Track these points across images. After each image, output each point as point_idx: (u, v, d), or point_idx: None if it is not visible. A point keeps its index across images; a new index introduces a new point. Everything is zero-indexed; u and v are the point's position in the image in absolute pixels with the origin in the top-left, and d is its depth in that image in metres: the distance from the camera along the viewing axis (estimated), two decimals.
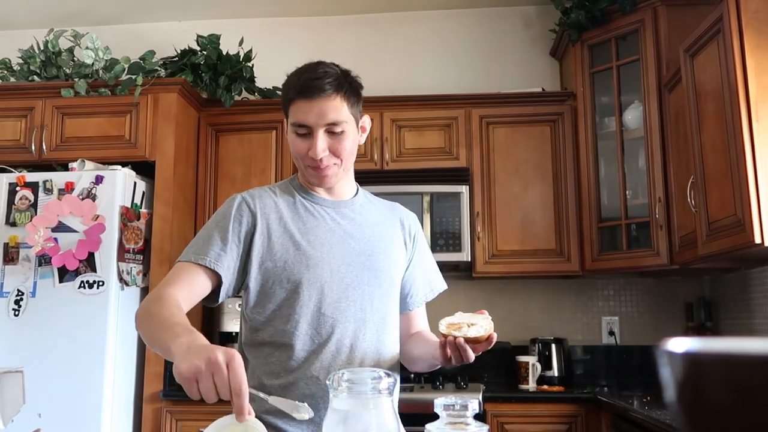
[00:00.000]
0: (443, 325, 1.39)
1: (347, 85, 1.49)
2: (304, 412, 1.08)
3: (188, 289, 1.39)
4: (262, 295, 1.48)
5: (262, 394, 1.14)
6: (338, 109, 1.46)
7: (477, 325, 1.37)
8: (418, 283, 1.69)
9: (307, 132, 1.46)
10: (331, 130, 1.46)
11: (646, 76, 3.21)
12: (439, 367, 1.53)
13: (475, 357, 1.38)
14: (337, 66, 1.52)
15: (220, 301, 1.47)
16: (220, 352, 1.00)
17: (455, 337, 1.35)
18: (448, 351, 1.37)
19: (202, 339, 1.11)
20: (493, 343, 1.37)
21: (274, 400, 1.10)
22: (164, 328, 1.20)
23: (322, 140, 1.45)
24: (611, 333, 3.61)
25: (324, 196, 1.58)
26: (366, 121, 1.60)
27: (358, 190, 1.65)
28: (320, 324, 1.46)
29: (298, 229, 1.50)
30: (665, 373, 0.37)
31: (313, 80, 1.45)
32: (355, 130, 1.52)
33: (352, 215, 1.58)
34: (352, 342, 1.48)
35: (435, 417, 0.85)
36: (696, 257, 2.73)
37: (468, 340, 1.35)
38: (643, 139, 3.22)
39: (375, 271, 1.53)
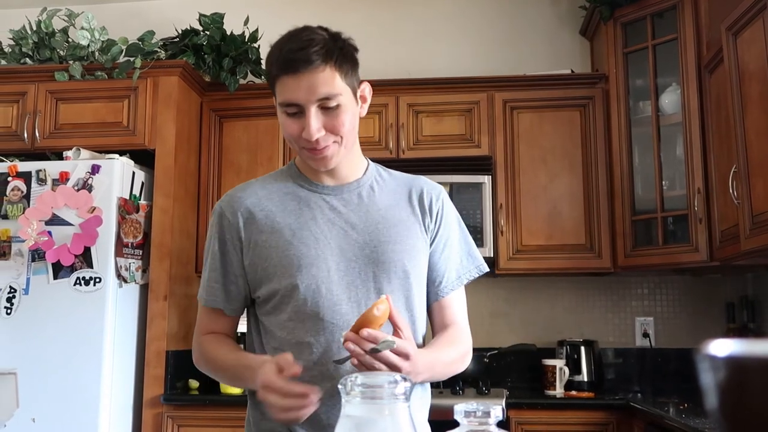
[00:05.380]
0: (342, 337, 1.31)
1: (337, 51, 1.39)
2: None
3: (217, 332, 1.55)
4: (261, 301, 1.48)
5: None
6: (329, 81, 1.37)
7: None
8: (445, 266, 1.55)
9: (297, 111, 1.39)
10: (325, 105, 1.38)
11: (685, 57, 3.18)
12: (459, 372, 1.51)
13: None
14: (325, 30, 1.43)
15: (240, 317, 1.57)
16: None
17: (345, 341, 1.26)
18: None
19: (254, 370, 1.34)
20: (385, 316, 1.26)
21: None
22: (236, 376, 1.50)
23: (315, 118, 1.37)
24: (645, 335, 3.59)
25: (325, 182, 1.51)
26: (366, 89, 1.50)
27: (368, 166, 1.57)
28: (318, 331, 1.40)
29: (289, 225, 1.45)
30: (706, 379, 0.37)
31: (296, 52, 1.36)
32: (353, 101, 1.43)
33: (357, 201, 1.50)
34: None
35: (455, 424, 0.85)
36: (738, 253, 2.71)
37: (354, 330, 1.25)
38: (681, 125, 3.19)
39: (382, 264, 1.44)
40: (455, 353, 1.50)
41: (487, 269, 1.62)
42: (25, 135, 3.39)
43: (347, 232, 1.46)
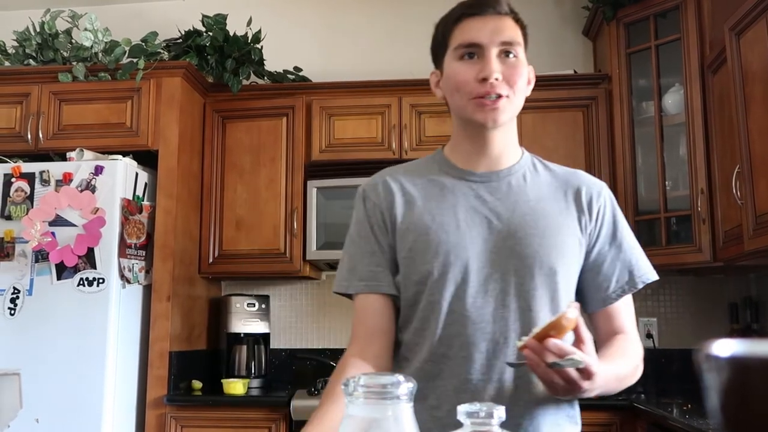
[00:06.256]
0: (519, 342, 1.20)
1: (520, 17, 1.40)
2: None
3: (366, 337, 1.38)
4: (398, 289, 1.39)
5: None
6: (514, 29, 1.36)
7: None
8: (615, 268, 1.40)
9: (476, 53, 1.34)
10: (507, 51, 1.34)
11: (688, 57, 3.17)
12: (572, 397, 1.27)
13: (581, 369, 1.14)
14: None
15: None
16: None
17: (524, 346, 1.15)
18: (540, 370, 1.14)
19: None
20: (572, 325, 1.15)
21: None
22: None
23: (495, 61, 1.32)
24: (649, 335, 3.58)
25: (476, 168, 1.40)
26: (532, 72, 1.43)
27: (523, 155, 1.46)
28: (449, 324, 1.31)
29: (429, 210, 1.36)
30: (708, 379, 0.37)
31: None
32: (526, 67, 1.39)
33: (506, 189, 1.38)
34: (491, 349, 1.29)
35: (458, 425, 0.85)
36: (742, 253, 2.70)
37: (538, 338, 1.14)
38: (684, 125, 3.19)
39: (526, 258, 1.32)
40: (629, 367, 1.37)
41: (656, 277, 1.45)
42: (29, 136, 3.39)
43: (491, 221, 1.35)
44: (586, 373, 1.14)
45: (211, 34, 3.62)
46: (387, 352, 1.38)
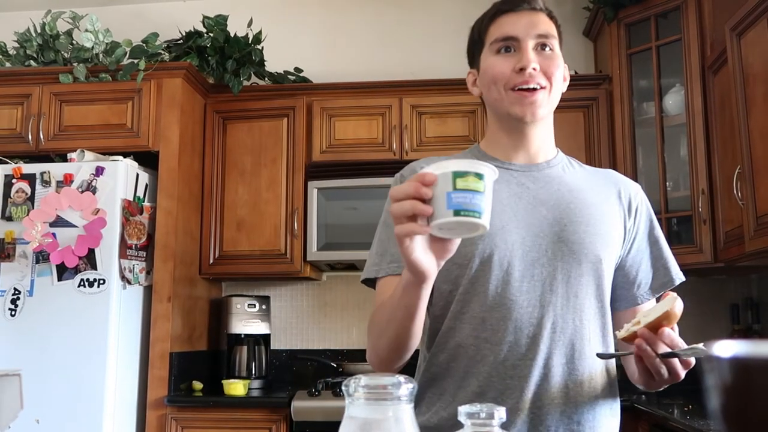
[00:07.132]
0: (621, 332, 1.20)
1: (553, 14, 1.41)
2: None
3: None
4: (436, 281, 1.31)
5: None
6: (549, 24, 1.37)
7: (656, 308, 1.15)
8: (647, 267, 1.43)
9: (512, 47, 1.35)
10: (542, 43, 1.35)
11: (689, 58, 3.17)
12: (664, 386, 1.30)
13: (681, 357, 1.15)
14: None
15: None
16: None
17: (634, 334, 1.14)
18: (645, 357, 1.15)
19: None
20: (678, 316, 1.15)
21: None
22: (392, 304, 1.21)
23: (531, 52, 1.33)
24: None
25: (514, 160, 1.40)
26: (566, 70, 1.42)
27: (558, 153, 1.48)
28: (493, 307, 1.29)
29: None
30: (709, 380, 0.37)
31: None
32: (562, 61, 1.39)
33: (547, 179, 1.39)
34: (534, 332, 1.28)
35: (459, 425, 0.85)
36: (743, 254, 2.70)
37: (650, 327, 1.13)
38: (684, 126, 3.19)
39: (572, 245, 1.32)
40: None
41: (683, 279, 1.48)
42: (30, 137, 3.39)
43: (535, 207, 1.35)
44: (685, 364, 1.17)
45: (211, 35, 3.62)
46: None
